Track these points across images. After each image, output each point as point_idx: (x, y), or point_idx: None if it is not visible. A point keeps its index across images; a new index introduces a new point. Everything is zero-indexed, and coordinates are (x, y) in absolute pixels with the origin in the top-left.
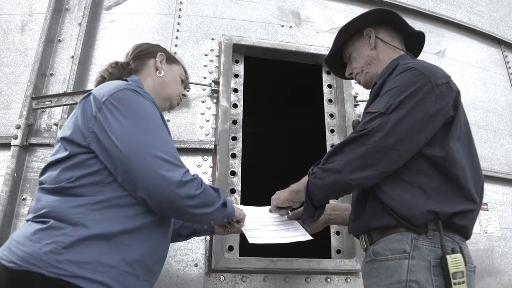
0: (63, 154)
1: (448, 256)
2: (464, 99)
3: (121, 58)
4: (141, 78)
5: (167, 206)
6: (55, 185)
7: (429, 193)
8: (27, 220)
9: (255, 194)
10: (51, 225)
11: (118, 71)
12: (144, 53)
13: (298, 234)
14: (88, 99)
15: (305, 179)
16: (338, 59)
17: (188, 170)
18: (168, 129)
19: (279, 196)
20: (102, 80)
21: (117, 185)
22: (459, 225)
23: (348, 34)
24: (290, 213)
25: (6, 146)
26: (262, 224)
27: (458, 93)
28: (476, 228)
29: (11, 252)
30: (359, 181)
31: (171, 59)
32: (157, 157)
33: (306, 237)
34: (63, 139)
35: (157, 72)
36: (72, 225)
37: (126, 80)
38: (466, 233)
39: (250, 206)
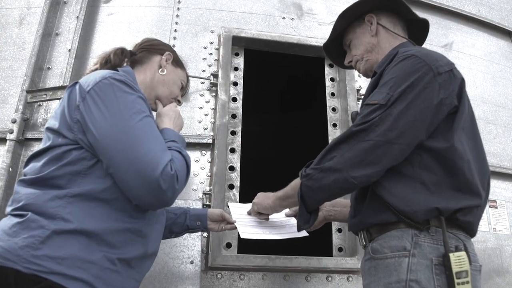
0: (46, 144)
1: (451, 254)
2: (473, 93)
3: None
4: (140, 70)
5: (147, 204)
6: (34, 175)
7: (432, 189)
8: (6, 214)
9: (254, 190)
10: (28, 218)
11: (117, 59)
12: (153, 47)
13: (294, 231)
14: (74, 88)
15: (295, 183)
16: (338, 47)
17: (166, 164)
18: (155, 121)
19: (261, 202)
20: (97, 68)
21: (98, 177)
22: (463, 221)
23: (349, 20)
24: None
25: (2, 140)
26: (258, 221)
27: (462, 81)
28: (484, 226)
29: None
30: (361, 179)
31: (178, 62)
32: (135, 151)
33: (302, 233)
34: (49, 129)
35: (160, 69)
36: (50, 218)
37: (117, 70)
38: (471, 230)
39: (247, 204)
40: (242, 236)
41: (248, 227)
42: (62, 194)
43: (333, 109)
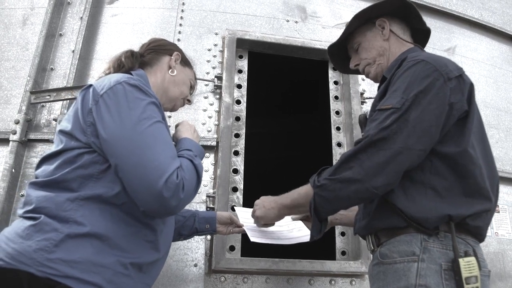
0: (59, 147)
1: (460, 260)
2: (475, 97)
3: None
4: (150, 72)
5: (152, 211)
6: (45, 178)
7: (443, 194)
8: (19, 216)
9: (258, 193)
10: (41, 221)
11: (130, 62)
12: (161, 48)
13: (302, 235)
14: (87, 91)
15: (305, 191)
16: (341, 52)
17: (172, 172)
18: (167, 127)
19: (266, 215)
20: (111, 71)
21: (109, 181)
22: (473, 226)
23: (359, 23)
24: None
25: (5, 141)
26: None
27: (471, 86)
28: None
29: (0, 248)
30: (383, 189)
31: (186, 61)
32: (142, 156)
33: (309, 237)
34: (62, 132)
35: (170, 70)
36: (63, 221)
37: (131, 74)
38: (480, 235)
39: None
40: (251, 239)
41: (256, 231)
42: (73, 197)
43: (337, 113)
